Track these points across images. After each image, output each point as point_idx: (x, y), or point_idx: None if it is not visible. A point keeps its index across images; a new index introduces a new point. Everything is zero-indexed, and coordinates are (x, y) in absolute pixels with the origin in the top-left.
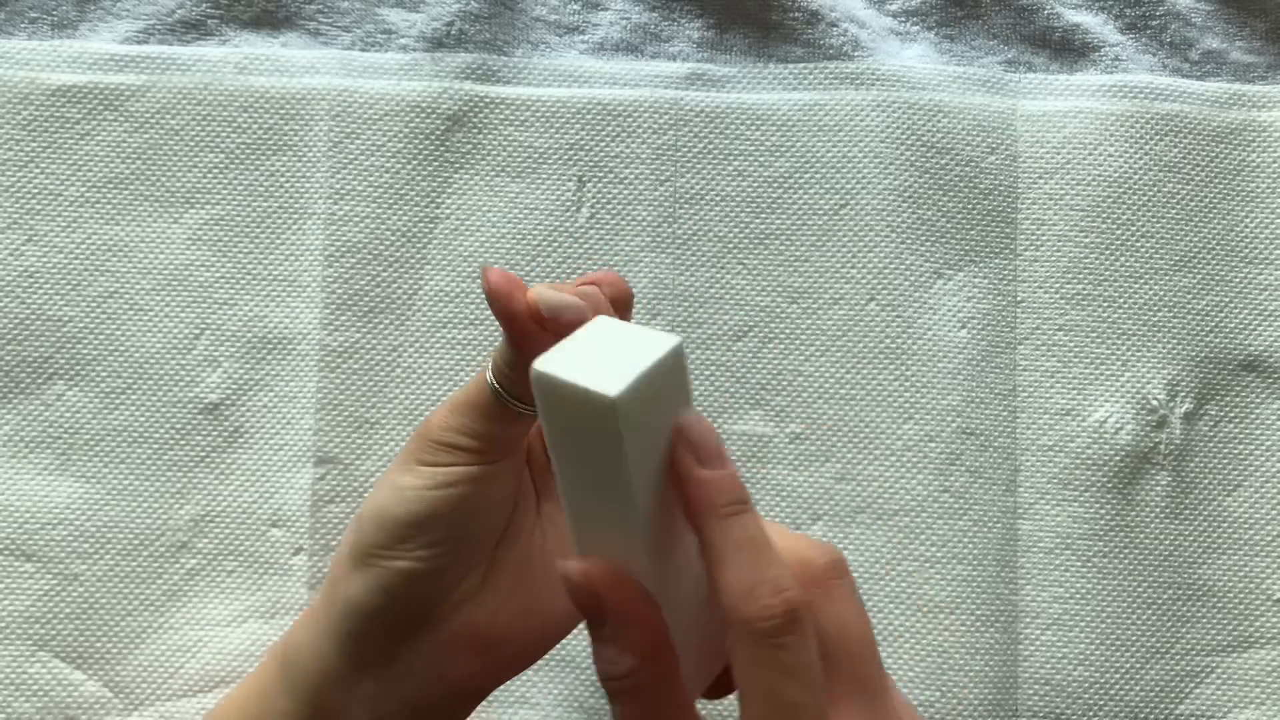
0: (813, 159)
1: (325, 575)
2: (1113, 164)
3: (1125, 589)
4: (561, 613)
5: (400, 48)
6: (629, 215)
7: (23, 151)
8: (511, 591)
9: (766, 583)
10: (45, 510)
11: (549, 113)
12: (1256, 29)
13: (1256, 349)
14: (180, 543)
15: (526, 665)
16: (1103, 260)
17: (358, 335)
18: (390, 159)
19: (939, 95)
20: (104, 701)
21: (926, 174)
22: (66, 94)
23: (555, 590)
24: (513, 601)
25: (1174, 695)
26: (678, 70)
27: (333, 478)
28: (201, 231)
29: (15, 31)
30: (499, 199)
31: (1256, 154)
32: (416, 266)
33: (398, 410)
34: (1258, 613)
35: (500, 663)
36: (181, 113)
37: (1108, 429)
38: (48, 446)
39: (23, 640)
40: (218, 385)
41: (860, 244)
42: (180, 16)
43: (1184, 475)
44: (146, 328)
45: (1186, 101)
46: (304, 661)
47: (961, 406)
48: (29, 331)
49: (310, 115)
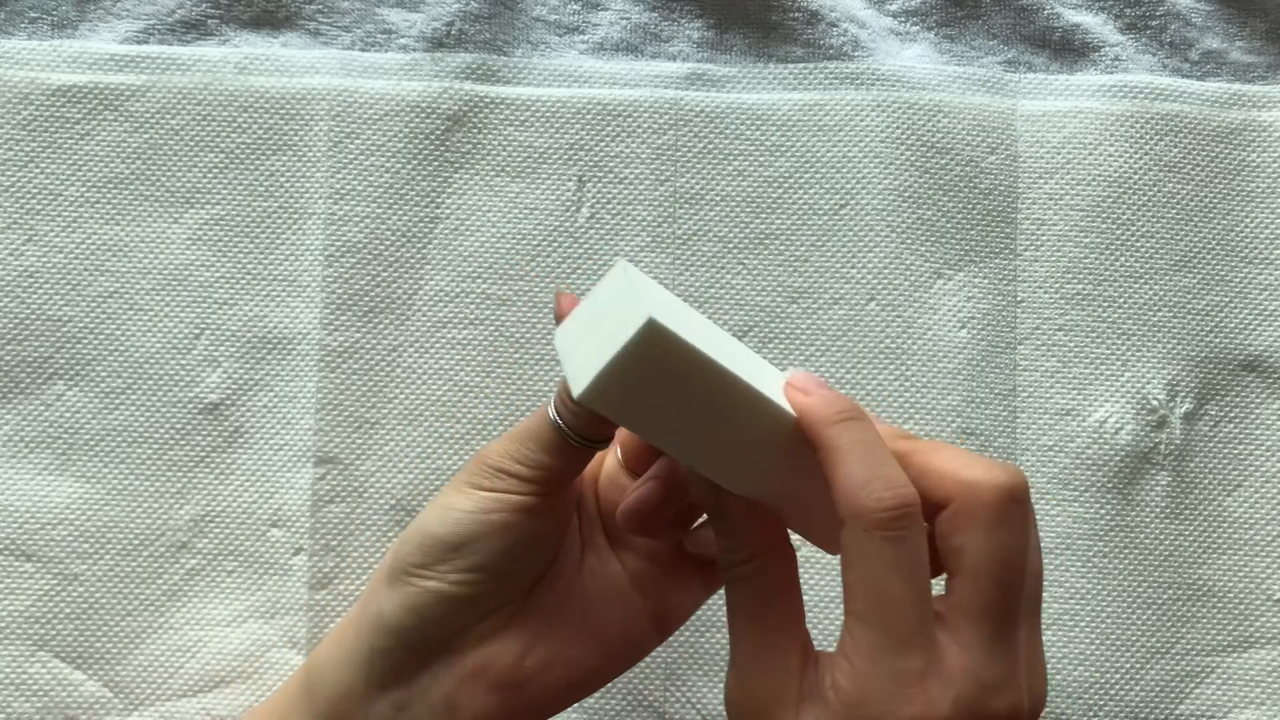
0: (813, 159)
1: (325, 575)
2: (1113, 164)
3: (1125, 589)
4: (590, 668)
5: (400, 48)
6: (629, 215)
7: (23, 151)
8: (540, 636)
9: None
10: (45, 510)
11: (549, 113)
12: (1256, 29)
13: (1256, 349)
14: (180, 543)
15: (543, 717)
16: (1103, 260)
17: (358, 335)
18: (390, 159)
19: (939, 95)
20: (104, 701)
21: (926, 174)
22: (66, 94)
23: (587, 643)
24: (539, 646)
25: (1174, 695)
26: (678, 70)
27: (333, 478)
28: (201, 231)
29: (15, 31)
30: (499, 199)
31: (1256, 154)
32: (416, 266)
33: (398, 410)
34: (1258, 613)
35: (517, 708)
36: (181, 113)
37: (1108, 429)
38: (48, 446)
39: (23, 640)
40: (218, 385)
41: (860, 244)
42: (180, 16)
43: (1184, 475)
44: (146, 328)
45: (1186, 101)
46: (326, 677)
47: (961, 406)
48: (29, 331)
49: (310, 115)
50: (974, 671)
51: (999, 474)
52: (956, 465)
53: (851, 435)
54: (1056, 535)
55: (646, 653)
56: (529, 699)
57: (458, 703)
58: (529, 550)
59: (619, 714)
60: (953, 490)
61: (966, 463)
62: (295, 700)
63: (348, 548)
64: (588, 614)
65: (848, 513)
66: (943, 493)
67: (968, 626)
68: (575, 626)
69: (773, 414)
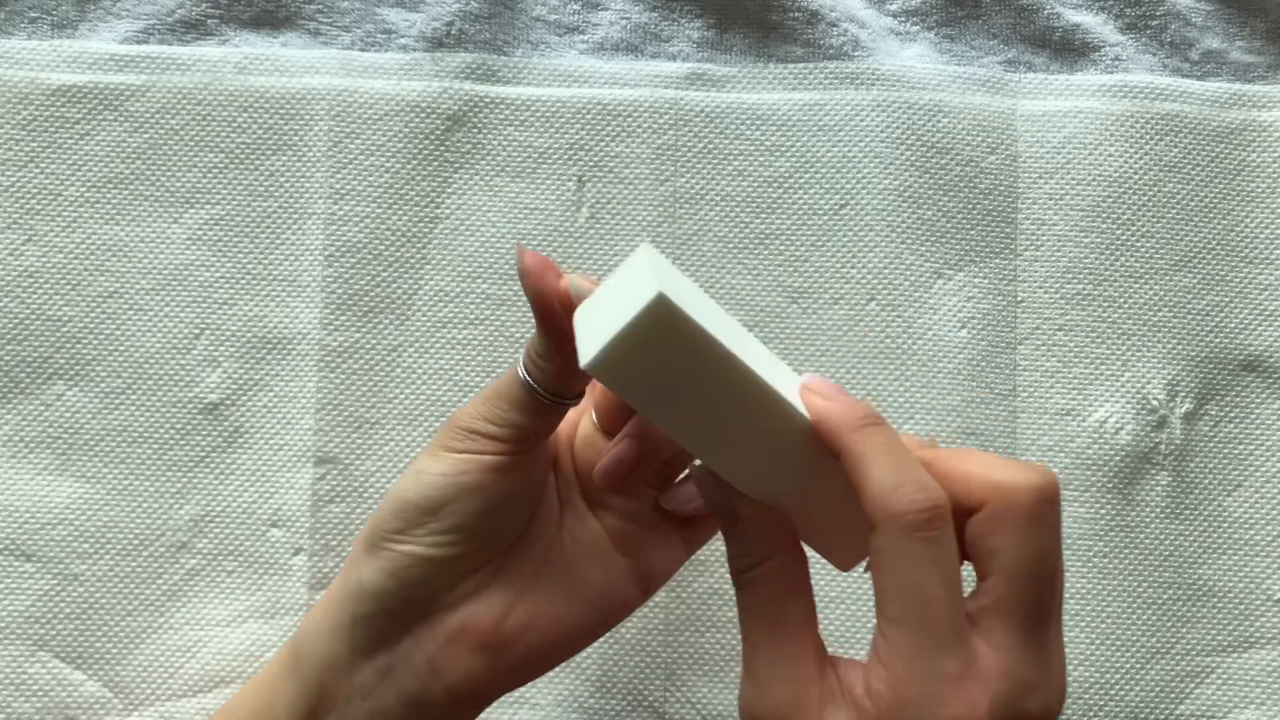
0: (813, 159)
1: (325, 575)
2: (1113, 164)
3: (1125, 589)
4: (573, 626)
5: (400, 48)
6: (629, 215)
7: (23, 151)
8: (520, 595)
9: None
10: (45, 510)
11: (549, 113)
12: (1256, 29)
13: (1256, 349)
14: (180, 543)
15: (530, 677)
16: (1103, 260)
17: (358, 335)
18: (390, 159)
19: (939, 95)
20: (104, 701)
21: (926, 174)
22: (66, 94)
23: (569, 601)
24: (520, 605)
25: (1174, 695)
26: (678, 70)
27: (333, 478)
28: (201, 231)
29: (15, 31)
30: (499, 199)
31: (1256, 154)
32: (416, 266)
33: (398, 410)
34: (1258, 613)
35: (502, 667)
36: (181, 113)
37: (1108, 429)
38: (48, 446)
39: (23, 640)
40: (218, 385)
41: (860, 244)
42: (180, 16)
43: (1184, 475)
44: (146, 328)
45: (1186, 101)
46: (311, 646)
47: (961, 406)
48: (29, 331)
49: (310, 115)
50: (1010, 672)
51: (1033, 475)
52: (988, 469)
53: (877, 440)
54: None
55: (630, 610)
56: (513, 659)
57: (441, 665)
58: (504, 510)
59: (619, 714)
60: (985, 493)
61: (999, 466)
62: (283, 673)
63: (348, 548)
64: (568, 573)
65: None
66: (974, 496)
67: (1004, 628)
68: (556, 586)
69: (785, 413)
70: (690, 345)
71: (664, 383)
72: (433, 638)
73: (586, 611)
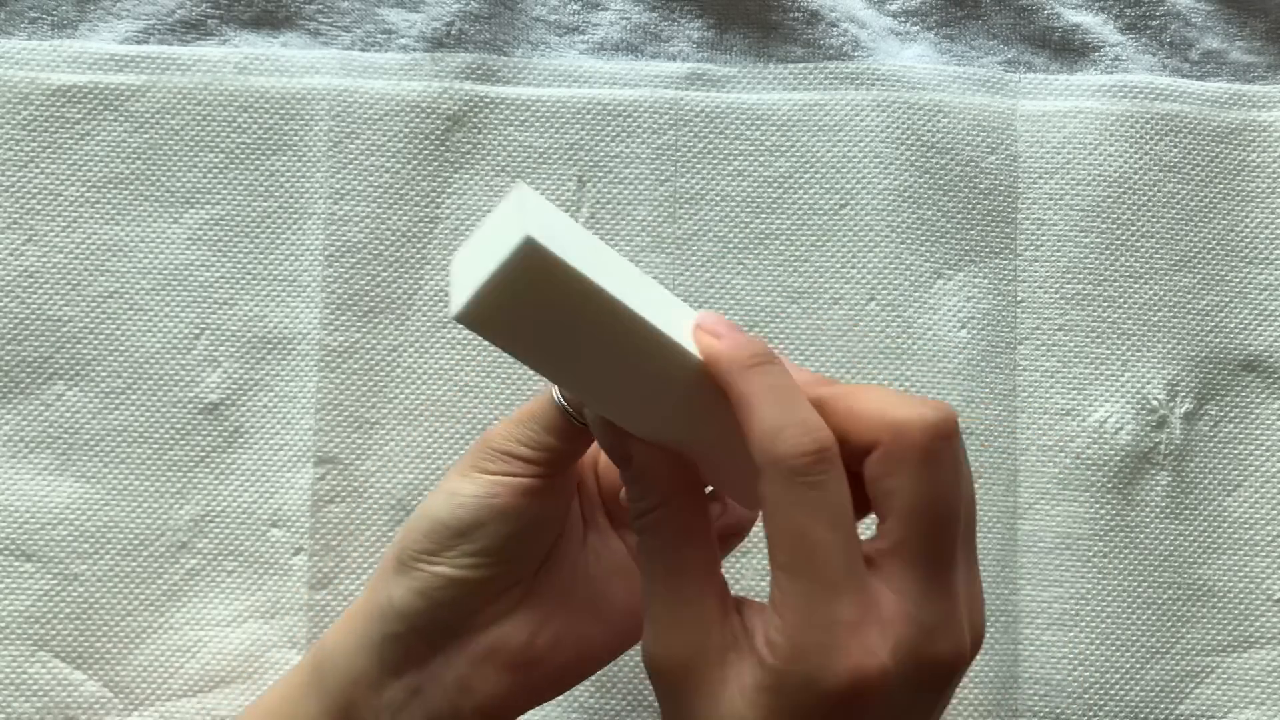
0: (813, 159)
1: (325, 575)
2: (1113, 164)
3: (1125, 589)
4: (599, 644)
5: (400, 48)
6: (629, 215)
7: (23, 151)
8: (549, 615)
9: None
10: (45, 510)
11: (549, 113)
12: (1256, 29)
13: (1256, 349)
14: (180, 543)
15: (555, 693)
16: (1103, 260)
17: (358, 335)
18: (390, 159)
19: (939, 95)
20: (104, 701)
21: (926, 174)
22: (66, 94)
23: (595, 621)
24: (549, 626)
25: (1174, 695)
26: (678, 70)
27: (333, 478)
28: (201, 231)
29: (15, 31)
30: (499, 199)
31: (1256, 154)
32: (416, 266)
33: (398, 410)
34: (1258, 613)
35: (530, 686)
36: (181, 113)
37: (1108, 429)
38: (48, 446)
39: (23, 640)
40: (218, 385)
41: (860, 244)
42: (180, 16)
43: (1184, 475)
44: (146, 328)
45: (1186, 101)
46: (336, 664)
47: (961, 406)
48: (29, 331)
49: (310, 115)
50: (912, 616)
51: (926, 411)
52: (882, 406)
53: (764, 380)
54: (1056, 535)
55: None
56: (541, 677)
57: (471, 684)
58: (535, 532)
59: (619, 714)
60: (880, 432)
61: (893, 403)
62: (306, 689)
63: (348, 548)
64: (594, 592)
65: (764, 460)
66: (870, 435)
67: (904, 571)
68: (583, 605)
69: (675, 354)
70: (566, 290)
71: (542, 331)
72: (463, 657)
73: (612, 629)
